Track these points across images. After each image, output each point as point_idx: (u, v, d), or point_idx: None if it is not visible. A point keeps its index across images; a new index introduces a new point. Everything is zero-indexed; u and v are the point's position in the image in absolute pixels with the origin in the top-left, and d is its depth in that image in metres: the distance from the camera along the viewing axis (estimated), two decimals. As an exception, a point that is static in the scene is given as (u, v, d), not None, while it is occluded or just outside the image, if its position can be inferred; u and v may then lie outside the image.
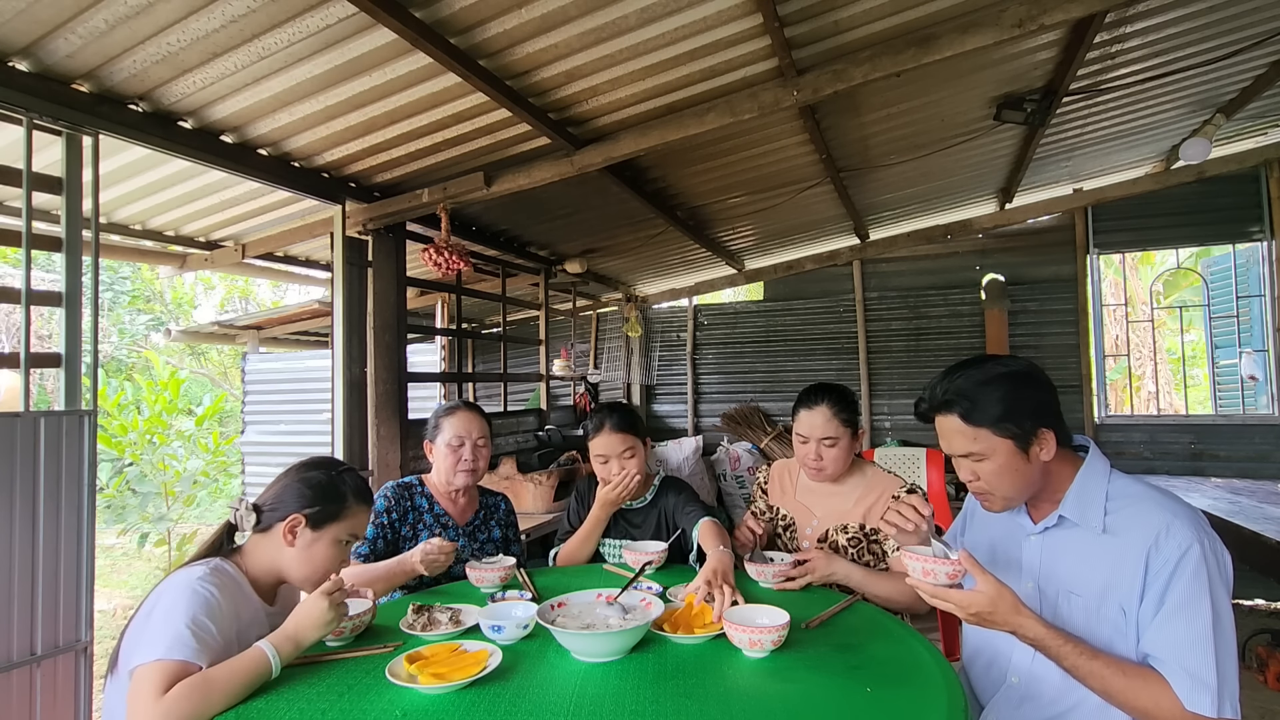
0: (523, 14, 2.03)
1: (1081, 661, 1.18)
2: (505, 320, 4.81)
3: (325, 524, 1.44)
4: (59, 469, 1.99)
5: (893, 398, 5.89)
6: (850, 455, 1.97)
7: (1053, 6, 2.15)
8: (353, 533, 1.49)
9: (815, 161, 3.68)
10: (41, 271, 7.41)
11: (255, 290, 13.79)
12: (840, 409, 1.93)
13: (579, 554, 2.11)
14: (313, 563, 1.43)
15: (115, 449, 6.51)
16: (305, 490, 1.45)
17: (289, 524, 1.41)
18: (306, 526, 1.42)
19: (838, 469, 1.96)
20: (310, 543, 1.42)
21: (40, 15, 1.82)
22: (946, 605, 1.23)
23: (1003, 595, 1.19)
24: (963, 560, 1.22)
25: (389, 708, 1.14)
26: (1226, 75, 3.53)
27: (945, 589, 1.23)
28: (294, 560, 1.43)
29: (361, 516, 1.51)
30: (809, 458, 1.95)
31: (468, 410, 2.11)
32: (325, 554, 1.44)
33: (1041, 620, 1.20)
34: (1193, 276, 7.57)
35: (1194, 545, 1.16)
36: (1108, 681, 1.16)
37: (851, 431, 1.95)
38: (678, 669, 1.27)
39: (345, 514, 1.46)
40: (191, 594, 1.27)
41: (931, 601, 1.25)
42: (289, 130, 2.58)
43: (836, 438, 1.92)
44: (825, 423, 1.92)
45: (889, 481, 1.96)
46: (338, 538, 1.45)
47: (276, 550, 1.43)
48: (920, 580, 1.25)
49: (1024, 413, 1.26)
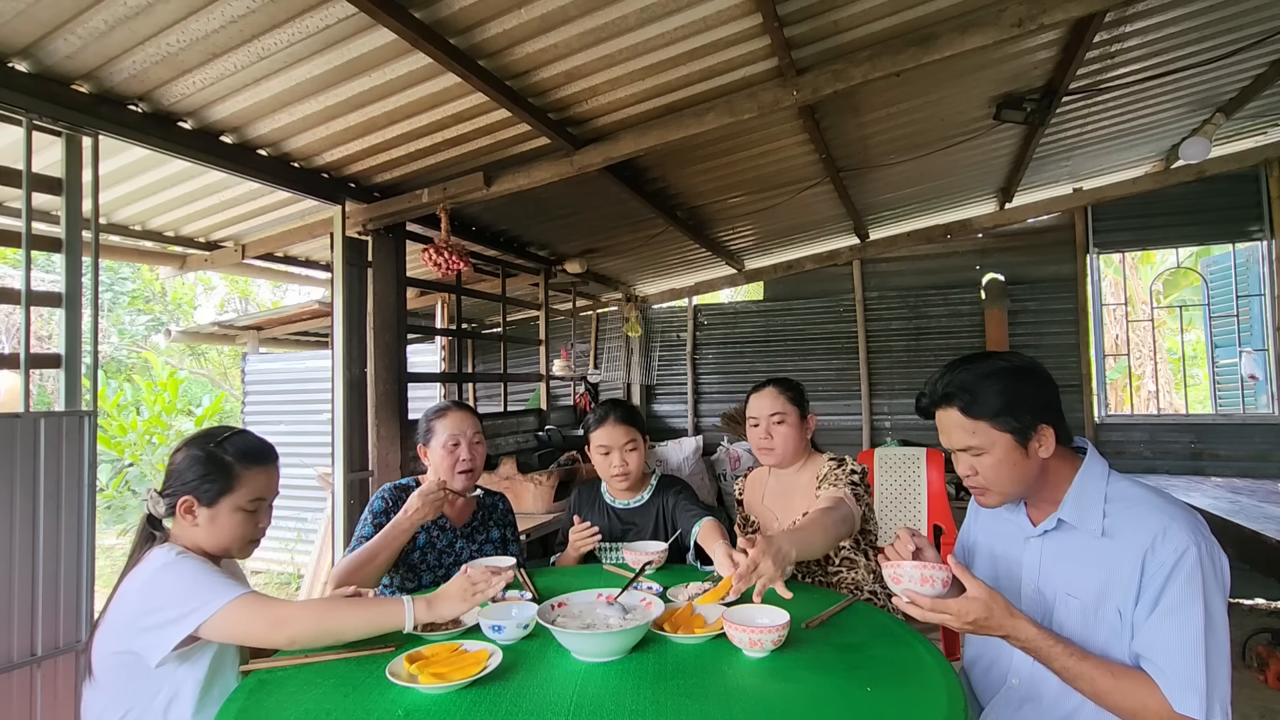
0: (522, 14, 2.03)
1: (1071, 663, 1.18)
2: (505, 320, 4.81)
3: (219, 498, 1.41)
4: (59, 469, 1.99)
5: (893, 398, 5.89)
6: (801, 436, 2.03)
7: (1052, 6, 2.15)
8: (255, 497, 1.45)
9: (815, 161, 3.68)
10: (41, 272, 7.41)
11: (255, 290, 13.79)
12: (785, 388, 2.07)
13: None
14: (220, 536, 1.43)
15: (115, 449, 6.52)
16: (186, 470, 1.43)
17: (182, 507, 1.40)
18: (200, 505, 1.41)
19: (787, 448, 2.01)
20: (210, 519, 1.41)
21: (40, 16, 1.82)
22: (943, 618, 1.21)
23: (995, 599, 1.19)
24: (953, 568, 1.22)
25: (391, 707, 1.14)
26: (1226, 75, 3.53)
27: (943, 601, 1.21)
28: (204, 537, 1.42)
29: (259, 478, 1.46)
30: (760, 438, 2.04)
31: (459, 409, 2.10)
32: (230, 525, 1.42)
33: (1033, 622, 1.20)
34: (1193, 276, 7.57)
35: (1190, 549, 1.16)
36: (1096, 683, 1.17)
37: (799, 410, 2.03)
38: (678, 669, 1.27)
39: (236, 483, 1.42)
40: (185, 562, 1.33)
41: (929, 618, 1.23)
42: (289, 131, 2.58)
43: (784, 413, 2.01)
44: (772, 400, 2.04)
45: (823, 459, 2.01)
46: (237, 506, 1.42)
47: (188, 530, 1.43)
48: (919, 591, 1.23)
49: (1024, 407, 1.26)
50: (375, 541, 1.82)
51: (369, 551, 1.80)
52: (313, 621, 1.35)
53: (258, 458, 1.47)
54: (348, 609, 1.38)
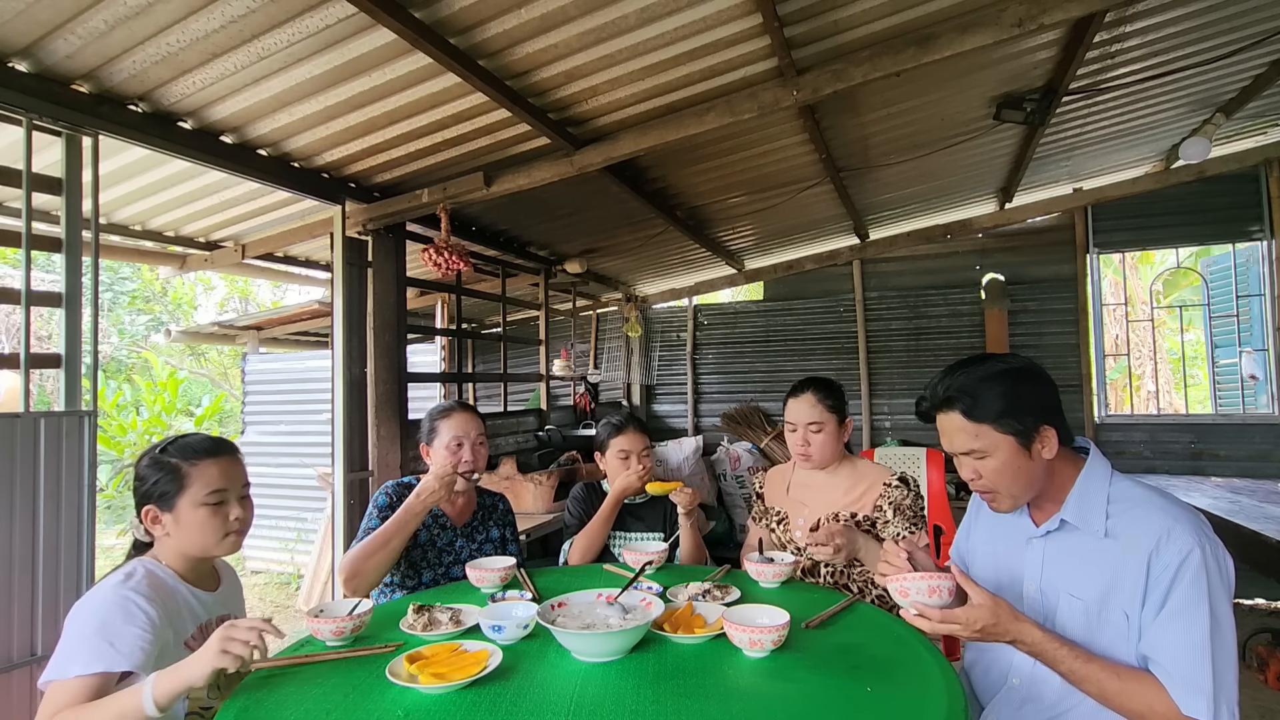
0: (522, 14, 2.03)
1: (1077, 665, 1.18)
2: (505, 320, 4.81)
3: (174, 499, 1.40)
4: (59, 469, 1.99)
5: (893, 397, 5.89)
6: (838, 442, 2.02)
7: (1052, 6, 2.15)
8: (211, 489, 1.41)
9: (815, 161, 3.68)
10: (41, 272, 7.41)
11: (255, 290, 13.79)
12: (824, 396, 2.01)
13: (594, 541, 2.16)
14: (191, 536, 1.42)
15: (115, 449, 6.53)
16: (138, 484, 1.43)
17: (147, 518, 1.41)
18: (161, 511, 1.41)
19: (825, 454, 2.00)
20: (175, 522, 1.41)
21: (40, 16, 1.82)
22: (952, 628, 1.20)
23: (1000, 604, 1.19)
24: (956, 576, 1.21)
25: (391, 707, 1.14)
26: (1226, 75, 3.53)
27: (950, 611, 1.19)
28: (177, 543, 1.42)
29: (209, 470, 1.42)
30: (797, 444, 2.02)
31: (463, 410, 2.11)
32: (195, 522, 1.41)
33: (1038, 625, 1.20)
34: (1192, 276, 7.57)
35: (1195, 550, 1.15)
36: (1103, 685, 1.16)
37: (838, 418, 2.01)
38: (678, 669, 1.27)
39: (188, 479, 1.40)
40: (107, 605, 1.28)
41: (939, 629, 1.21)
42: (289, 131, 2.58)
43: (822, 423, 1.98)
44: (810, 409, 1.99)
45: (879, 472, 2.00)
46: (197, 502, 1.40)
47: (164, 541, 1.43)
48: (927, 603, 1.21)
49: (1025, 409, 1.26)
50: (388, 527, 1.83)
51: (382, 537, 1.82)
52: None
53: (204, 452, 1.44)
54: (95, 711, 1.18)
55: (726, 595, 1.62)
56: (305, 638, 1.47)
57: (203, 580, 1.48)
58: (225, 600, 1.55)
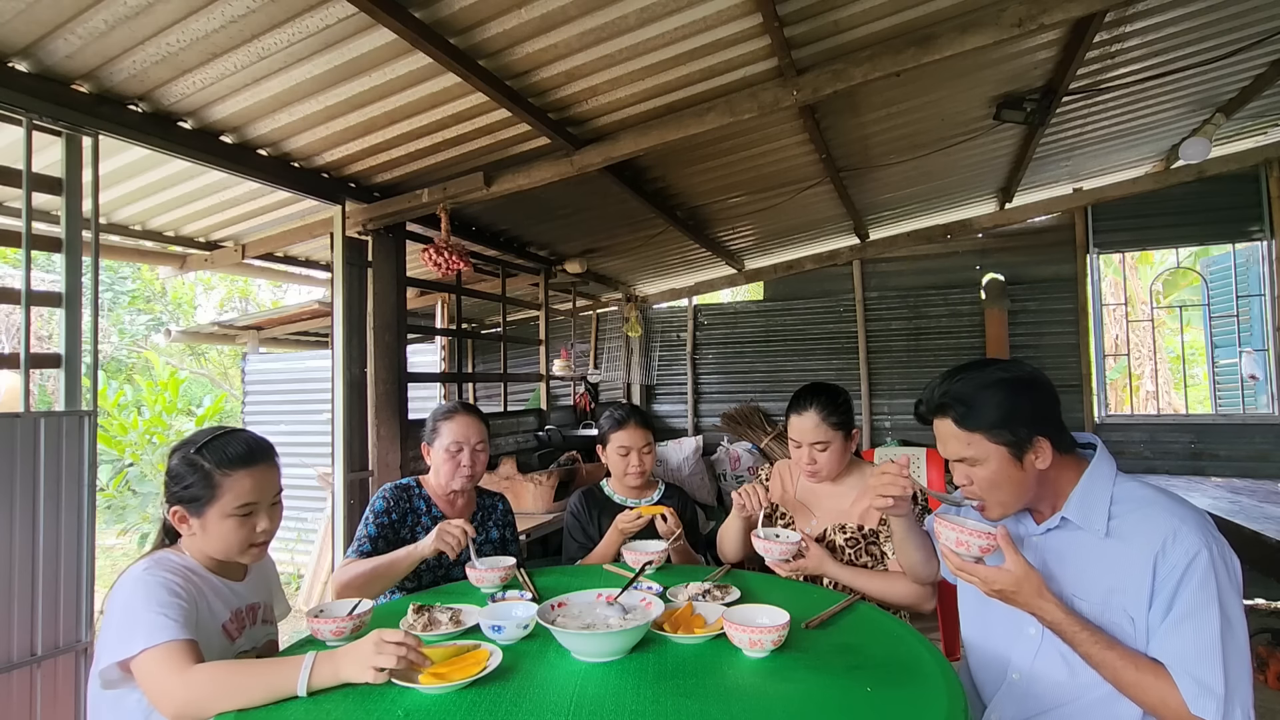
0: (522, 14, 2.03)
1: (1096, 650, 1.19)
2: (505, 320, 4.81)
3: (205, 507, 1.38)
4: (59, 469, 1.99)
5: (893, 398, 5.89)
6: (844, 456, 1.98)
7: (1052, 6, 2.15)
8: (242, 501, 1.39)
9: (815, 161, 3.68)
10: (41, 272, 7.40)
11: (255, 290, 13.79)
12: (830, 412, 1.92)
13: None
14: (216, 543, 1.41)
15: (115, 449, 6.52)
16: (169, 480, 1.41)
17: (175, 517, 1.40)
18: (190, 515, 1.39)
19: (832, 470, 1.97)
20: (203, 526, 1.39)
21: (40, 16, 1.82)
22: (971, 579, 1.26)
23: (1029, 577, 1.22)
24: (999, 538, 1.24)
25: (391, 707, 1.14)
26: (1226, 75, 3.53)
27: (972, 564, 1.26)
28: (206, 543, 1.41)
29: (243, 482, 1.39)
30: (803, 461, 1.97)
31: (466, 414, 2.10)
32: (222, 532, 1.39)
33: (1061, 605, 1.22)
34: (1192, 276, 7.57)
35: (1202, 551, 1.15)
36: (1119, 673, 1.18)
37: (844, 434, 1.95)
38: (678, 669, 1.27)
39: (219, 490, 1.37)
40: (144, 585, 1.30)
41: (956, 574, 1.28)
42: (289, 130, 2.58)
43: (827, 441, 1.92)
44: (814, 427, 1.92)
45: None
46: (225, 513, 1.38)
47: (190, 537, 1.42)
48: (952, 550, 1.28)
49: (1020, 420, 1.26)
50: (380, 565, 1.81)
51: (378, 569, 1.80)
52: (214, 685, 1.17)
53: (240, 461, 1.40)
54: (248, 673, 1.20)
55: (726, 595, 1.62)
56: (305, 638, 1.47)
57: (228, 571, 1.48)
58: (256, 588, 1.55)
